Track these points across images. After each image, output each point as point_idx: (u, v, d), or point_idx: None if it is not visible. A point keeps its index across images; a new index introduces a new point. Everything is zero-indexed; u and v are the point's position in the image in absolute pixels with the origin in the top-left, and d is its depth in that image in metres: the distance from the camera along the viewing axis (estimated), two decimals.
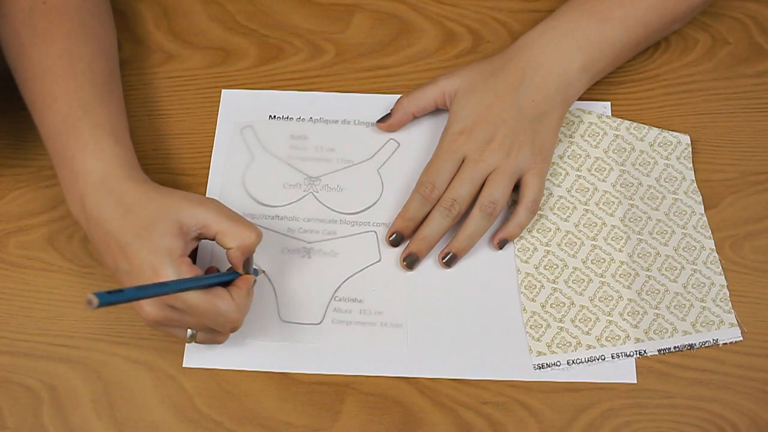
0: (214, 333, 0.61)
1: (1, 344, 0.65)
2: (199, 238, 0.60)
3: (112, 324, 0.65)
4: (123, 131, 0.63)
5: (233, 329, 0.60)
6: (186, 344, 0.64)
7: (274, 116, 0.73)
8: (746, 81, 0.74)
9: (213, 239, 0.60)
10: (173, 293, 0.56)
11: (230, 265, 0.61)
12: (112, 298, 0.48)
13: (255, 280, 0.62)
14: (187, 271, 0.57)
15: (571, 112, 0.72)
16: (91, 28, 0.66)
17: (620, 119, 0.72)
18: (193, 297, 0.57)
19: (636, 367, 0.64)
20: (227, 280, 0.60)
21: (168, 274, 0.57)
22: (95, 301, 0.47)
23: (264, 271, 0.67)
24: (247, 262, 0.61)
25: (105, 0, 0.70)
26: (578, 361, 0.65)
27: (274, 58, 0.75)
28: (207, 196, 0.69)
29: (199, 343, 0.62)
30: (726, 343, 0.65)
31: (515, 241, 0.68)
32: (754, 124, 0.73)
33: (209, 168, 0.71)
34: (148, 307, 0.58)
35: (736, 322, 0.65)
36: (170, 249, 0.57)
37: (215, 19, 0.77)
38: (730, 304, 0.66)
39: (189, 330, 0.60)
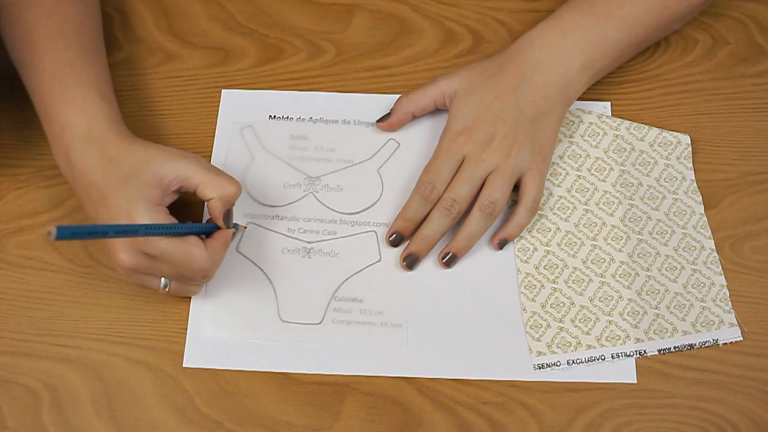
0: (187, 283, 0.63)
1: (1, 344, 0.65)
2: (180, 191, 0.62)
3: (112, 324, 0.65)
4: (108, 89, 0.65)
5: (204, 278, 0.62)
6: (187, 343, 0.64)
7: (274, 116, 0.73)
8: (746, 81, 0.74)
9: (194, 192, 0.62)
10: (141, 236, 0.57)
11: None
12: (70, 230, 0.49)
13: (234, 234, 0.64)
14: (163, 219, 0.59)
15: (571, 112, 0.72)
16: None
17: (620, 119, 0.72)
18: (165, 242, 0.58)
19: (636, 367, 0.64)
20: (204, 232, 0.62)
21: (142, 221, 0.58)
22: (54, 232, 0.47)
23: (245, 227, 0.68)
24: (227, 214, 0.62)
25: None
26: (578, 361, 0.65)
27: (274, 58, 0.75)
28: None
29: (173, 293, 0.63)
30: (726, 343, 0.65)
31: (515, 241, 0.68)
32: (754, 124, 0.73)
33: None
34: (123, 254, 0.59)
35: (736, 322, 0.65)
36: (147, 197, 0.59)
37: (215, 19, 0.77)
38: (730, 304, 0.66)
39: (163, 279, 0.62)
